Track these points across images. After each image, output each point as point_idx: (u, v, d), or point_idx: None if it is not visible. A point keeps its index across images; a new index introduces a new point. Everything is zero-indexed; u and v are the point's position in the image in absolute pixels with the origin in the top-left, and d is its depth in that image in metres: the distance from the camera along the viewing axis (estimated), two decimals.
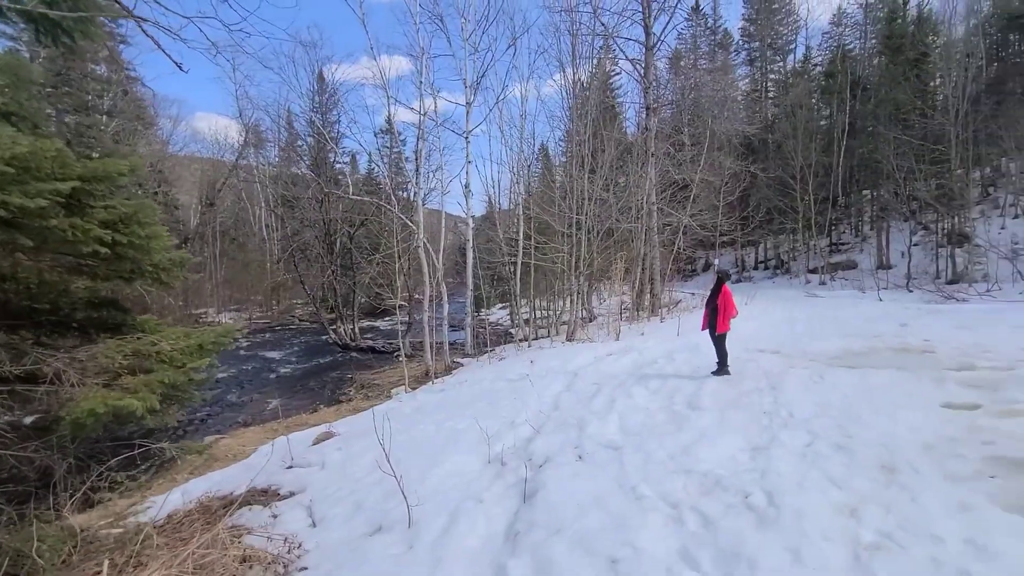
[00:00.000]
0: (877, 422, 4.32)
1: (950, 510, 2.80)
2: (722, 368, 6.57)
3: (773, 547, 2.52)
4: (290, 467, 5.51)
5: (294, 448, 6.28)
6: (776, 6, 38.72)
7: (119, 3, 3.71)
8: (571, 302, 15.72)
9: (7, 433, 2.88)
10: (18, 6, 2.76)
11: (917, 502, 2.92)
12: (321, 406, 11.95)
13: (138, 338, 3.83)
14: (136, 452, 3.52)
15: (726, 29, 41.36)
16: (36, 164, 2.63)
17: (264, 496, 4.57)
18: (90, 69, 22.74)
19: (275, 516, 3.97)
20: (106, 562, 2.35)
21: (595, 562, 2.55)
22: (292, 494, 4.58)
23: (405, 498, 3.35)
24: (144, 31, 3.84)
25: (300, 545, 3.24)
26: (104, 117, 23.29)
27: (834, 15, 36.64)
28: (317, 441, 7.03)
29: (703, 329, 7.04)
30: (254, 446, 8.18)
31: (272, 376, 16.57)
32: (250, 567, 2.84)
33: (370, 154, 27.01)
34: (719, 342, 6.70)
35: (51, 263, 4.00)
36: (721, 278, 6.75)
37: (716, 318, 6.65)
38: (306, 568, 3.01)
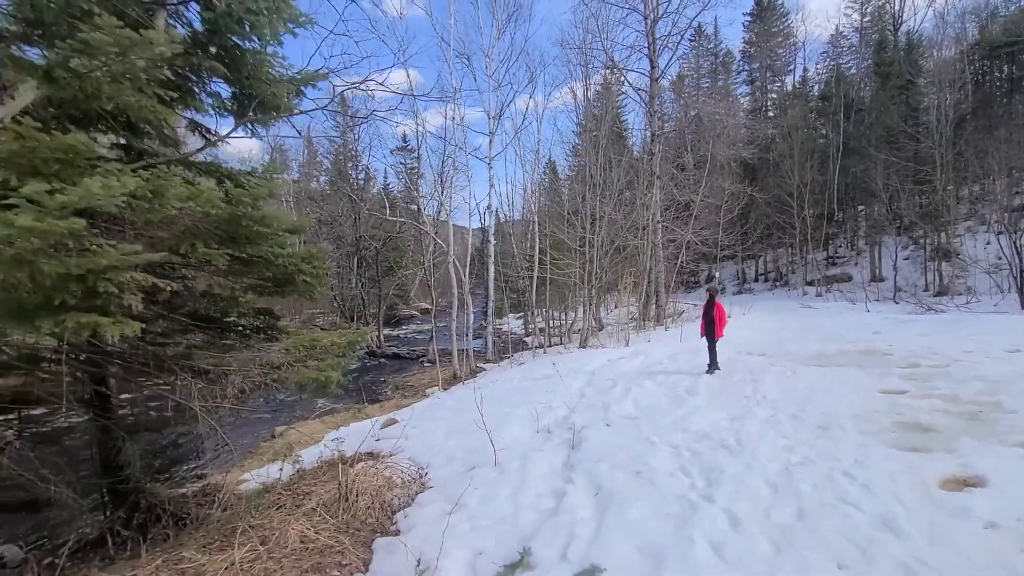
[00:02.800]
0: (826, 402, 5.85)
1: (854, 447, 4.34)
2: (713, 366, 8.12)
3: (736, 464, 4.08)
4: (378, 440, 7.08)
5: (367, 431, 7.87)
6: (775, 29, 40.62)
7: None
8: (584, 312, 17.27)
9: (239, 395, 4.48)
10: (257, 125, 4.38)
11: (834, 444, 4.46)
12: (365, 404, 13.51)
13: (291, 336, 5.44)
14: (325, 409, 5.08)
15: (728, 49, 43.25)
16: (282, 226, 4.26)
17: (371, 456, 6.13)
18: None
19: (388, 467, 5.53)
20: (340, 466, 3.92)
21: (625, 474, 4.11)
22: (392, 455, 6.14)
23: (492, 444, 4.92)
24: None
25: (426, 472, 4.82)
26: None
27: (832, 36, 38.57)
28: (385, 425, 8.60)
29: (701, 336, 8.58)
30: (321, 434, 9.73)
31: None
32: (398, 481, 4.40)
33: (386, 171, 28.94)
34: (714, 346, 8.26)
35: (236, 282, 5.64)
36: (712, 294, 8.34)
37: (713, 327, 8.21)
38: (432, 487, 4.58)
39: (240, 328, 5.93)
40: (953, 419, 5.02)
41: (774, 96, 40.13)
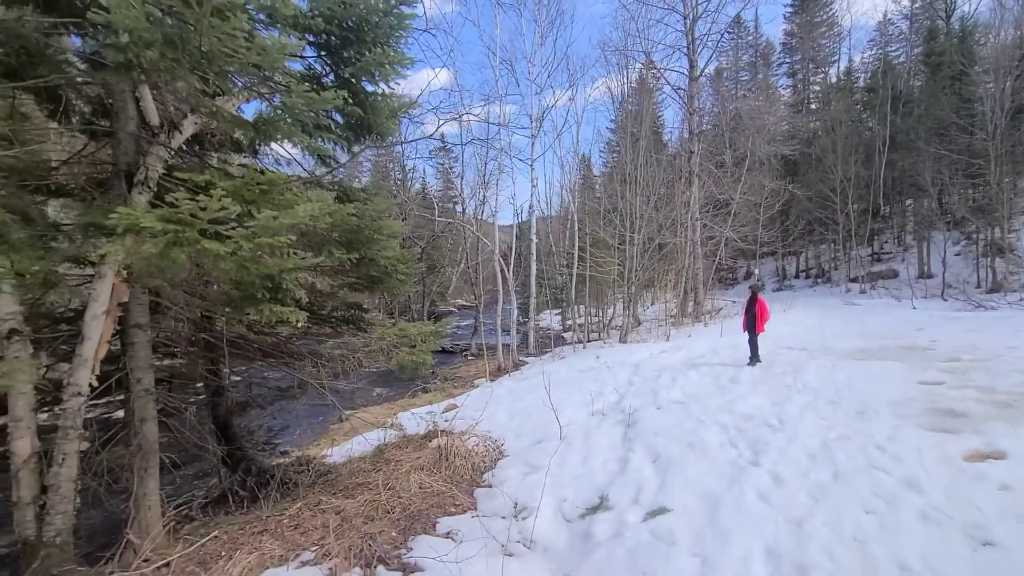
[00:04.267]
0: (863, 390, 6.30)
1: (888, 428, 4.84)
2: (754, 359, 8.59)
3: (779, 439, 4.66)
4: (446, 421, 7.90)
5: (432, 414, 8.71)
6: (818, 19, 39.61)
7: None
8: (624, 308, 17.78)
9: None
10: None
11: (870, 424, 4.97)
12: (418, 392, 14.47)
13: (378, 328, 6.32)
14: (425, 383, 5.92)
15: (768, 41, 42.42)
16: (388, 232, 5.09)
17: (447, 433, 6.94)
18: None
19: (469, 439, 6.32)
20: (441, 434, 4.71)
21: (679, 445, 4.75)
22: (463, 432, 6.94)
23: (558, 420, 5.63)
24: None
25: (502, 444, 5.58)
26: None
27: (879, 23, 37.33)
28: (447, 410, 9.44)
29: (743, 331, 9.05)
30: (385, 418, 10.67)
31: (361, 370, 19.34)
32: (480, 450, 5.19)
33: (424, 170, 30.09)
34: (755, 340, 8.73)
35: (336, 279, 6.54)
36: (755, 291, 8.81)
37: (754, 322, 8.68)
38: (509, 455, 5.33)
39: (333, 319, 6.86)
40: (986, 407, 5.42)
41: (817, 89, 39.16)
